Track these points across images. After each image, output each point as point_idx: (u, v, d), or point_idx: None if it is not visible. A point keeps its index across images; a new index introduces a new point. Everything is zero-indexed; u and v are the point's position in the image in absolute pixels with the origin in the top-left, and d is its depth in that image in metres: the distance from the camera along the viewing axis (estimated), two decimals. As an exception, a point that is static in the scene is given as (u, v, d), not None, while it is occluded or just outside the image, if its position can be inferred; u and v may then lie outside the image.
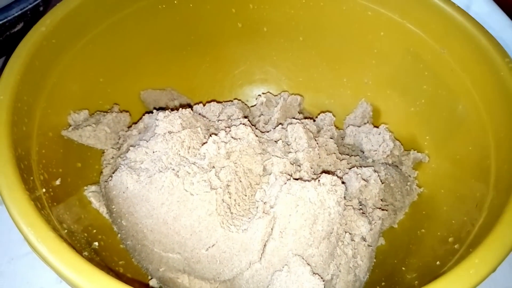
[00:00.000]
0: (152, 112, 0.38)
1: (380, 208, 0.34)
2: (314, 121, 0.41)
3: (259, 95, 0.44)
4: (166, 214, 0.29)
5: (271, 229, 0.29)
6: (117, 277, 0.22)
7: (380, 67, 0.40)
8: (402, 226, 0.37)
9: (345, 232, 0.31)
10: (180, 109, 0.34)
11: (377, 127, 0.40)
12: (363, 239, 0.32)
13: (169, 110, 0.34)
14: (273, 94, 0.45)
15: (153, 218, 0.30)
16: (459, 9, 0.34)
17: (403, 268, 0.33)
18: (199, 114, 0.37)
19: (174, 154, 0.31)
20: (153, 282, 0.32)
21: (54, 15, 0.32)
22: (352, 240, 0.31)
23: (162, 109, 0.39)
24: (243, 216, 0.30)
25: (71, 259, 0.22)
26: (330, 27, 0.41)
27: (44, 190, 0.28)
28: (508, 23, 0.51)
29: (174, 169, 0.30)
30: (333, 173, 0.34)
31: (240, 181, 0.31)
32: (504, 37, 0.46)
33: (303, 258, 0.28)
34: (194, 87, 0.44)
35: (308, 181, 0.30)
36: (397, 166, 0.39)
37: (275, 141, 0.36)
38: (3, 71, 0.29)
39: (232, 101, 0.44)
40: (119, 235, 0.33)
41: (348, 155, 0.38)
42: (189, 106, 0.41)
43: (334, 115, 0.41)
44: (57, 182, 0.31)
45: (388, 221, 0.36)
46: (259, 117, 0.41)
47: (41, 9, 0.41)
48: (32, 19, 0.40)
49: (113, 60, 0.37)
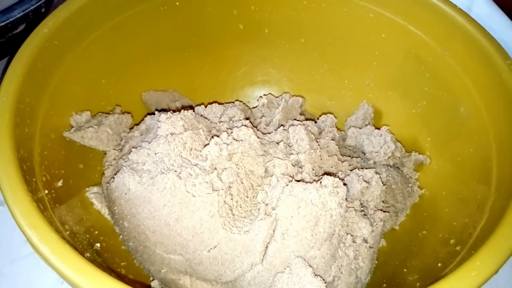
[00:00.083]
0: (154, 113, 0.38)
1: (381, 209, 0.34)
2: (315, 122, 0.41)
3: (261, 97, 0.44)
4: (168, 215, 0.29)
5: (273, 230, 0.29)
6: (119, 278, 0.22)
7: (381, 68, 0.40)
8: (403, 227, 0.37)
9: (347, 233, 0.31)
10: (182, 110, 0.34)
11: (379, 128, 0.40)
12: (365, 240, 0.32)
13: (171, 111, 0.34)
14: (274, 95, 0.45)
15: (155, 219, 0.30)
16: (460, 11, 0.34)
17: (405, 269, 0.33)
18: (201, 115, 0.37)
19: (176, 155, 0.31)
20: (154, 283, 0.32)
21: (56, 17, 0.32)
22: (353, 241, 0.31)
23: (163, 110, 0.39)
24: (245, 217, 0.30)
25: (74, 260, 0.22)
26: (331, 29, 0.41)
27: (46, 191, 0.28)
28: (509, 24, 0.51)
29: (176, 171, 0.30)
30: (334, 174, 0.34)
31: (242, 183, 0.31)
32: (505, 38, 0.46)
33: (305, 259, 0.28)
34: (195, 88, 0.44)
35: (309, 182, 0.30)
36: (398, 167, 0.39)
37: (277, 143, 0.36)
38: (5, 73, 0.29)
39: (233, 102, 0.44)
40: (121, 236, 0.33)
41: (349, 156, 0.38)
42: (191, 107, 0.42)
43: (335, 117, 0.42)
44: (59, 183, 0.31)
45: (389, 222, 0.36)
46: (261, 118, 0.41)
47: (43, 10, 0.41)
48: (34, 20, 0.40)
49: (115, 61, 0.38)
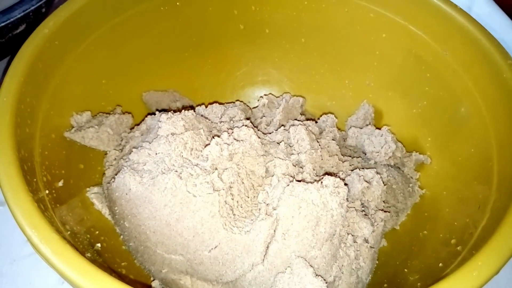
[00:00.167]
0: (154, 113, 0.38)
1: (382, 209, 0.34)
2: (316, 122, 0.41)
3: (261, 97, 0.44)
4: (169, 215, 0.29)
5: (274, 231, 0.29)
6: (119, 279, 0.22)
7: (382, 68, 0.40)
8: (404, 227, 0.37)
9: (348, 234, 0.31)
10: (182, 110, 0.34)
11: (379, 128, 0.40)
12: (366, 240, 0.32)
13: (172, 111, 0.34)
14: (275, 95, 0.45)
15: (156, 219, 0.30)
16: (461, 11, 0.34)
17: (406, 270, 0.33)
18: (201, 115, 0.37)
19: (176, 155, 0.31)
20: (155, 283, 0.32)
21: (57, 17, 0.32)
22: (354, 241, 0.31)
23: (164, 110, 0.39)
24: (246, 217, 0.30)
25: (74, 260, 0.22)
26: (332, 29, 0.41)
27: (47, 191, 0.28)
28: (509, 24, 0.51)
29: (177, 171, 0.30)
30: (335, 174, 0.34)
31: (242, 183, 0.31)
32: (505, 38, 0.46)
33: (305, 260, 0.28)
34: (196, 88, 0.44)
35: (310, 182, 0.30)
36: (399, 167, 0.39)
37: (278, 143, 0.36)
38: (6, 73, 0.29)
39: (234, 102, 0.44)
40: (121, 236, 0.33)
41: (350, 156, 0.38)
42: (191, 107, 0.42)
43: (336, 117, 0.42)
44: (60, 183, 0.31)
45: (390, 222, 0.36)
46: (261, 118, 0.41)
47: (43, 10, 0.41)
48: (34, 20, 0.40)
49: (115, 61, 0.38)
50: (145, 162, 0.32)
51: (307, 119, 0.41)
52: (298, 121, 0.39)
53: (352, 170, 0.36)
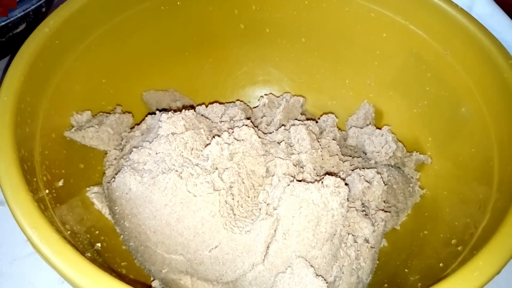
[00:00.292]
0: (154, 113, 0.38)
1: (383, 209, 0.34)
2: (316, 122, 0.41)
3: (262, 96, 0.44)
4: (169, 215, 0.29)
5: (274, 230, 0.29)
6: (119, 278, 0.22)
7: (382, 68, 0.40)
8: (404, 227, 0.37)
9: (348, 233, 0.31)
10: (183, 110, 0.34)
11: (380, 128, 0.40)
12: (366, 240, 0.31)
13: (172, 111, 0.34)
14: (275, 95, 0.45)
15: (156, 219, 0.30)
16: (462, 11, 0.34)
17: (406, 270, 0.32)
18: (201, 115, 0.37)
19: (177, 155, 0.31)
20: (155, 283, 0.32)
21: (57, 16, 0.32)
22: (355, 241, 0.31)
23: (164, 110, 0.39)
24: (246, 217, 0.30)
25: (74, 260, 0.22)
26: (332, 29, 0.41)
27: (47, 191, 0.28)
28: (510, 24, 0.50)
29: (177, 171, 0.30)
30: (336, 174, 0.34)
31: (243, 183, 0.31)
32: (506, 38, 0.46)
33: (306, 259, 0.28)
34: (196, 88, 0.44)
35: (311, 182, 0.30)
36: (399, 167, 0.39)
37: (278, 143, 0.36)
38: (6, 72, 0.29)
39: (234, 102, 0.44)
40: (121, 236, 0.33)
41: (350, 156, 0.38)
42: (192, 107, 0.42)
43: (336, 117, 0.41)
44: (60, 183, 0.31)
45: (390, 222, 0.36)
46: (262, 118, 0.41)
47: (44, 10, 0.41)
48: (34, 20, 0.40)
49: (116, 61, 0.38)
50: (146, 161, 0.32)
51: (308, 119, 0.41)
52: (298, 120, 0.39)
53: (352, 170, 0.36)
